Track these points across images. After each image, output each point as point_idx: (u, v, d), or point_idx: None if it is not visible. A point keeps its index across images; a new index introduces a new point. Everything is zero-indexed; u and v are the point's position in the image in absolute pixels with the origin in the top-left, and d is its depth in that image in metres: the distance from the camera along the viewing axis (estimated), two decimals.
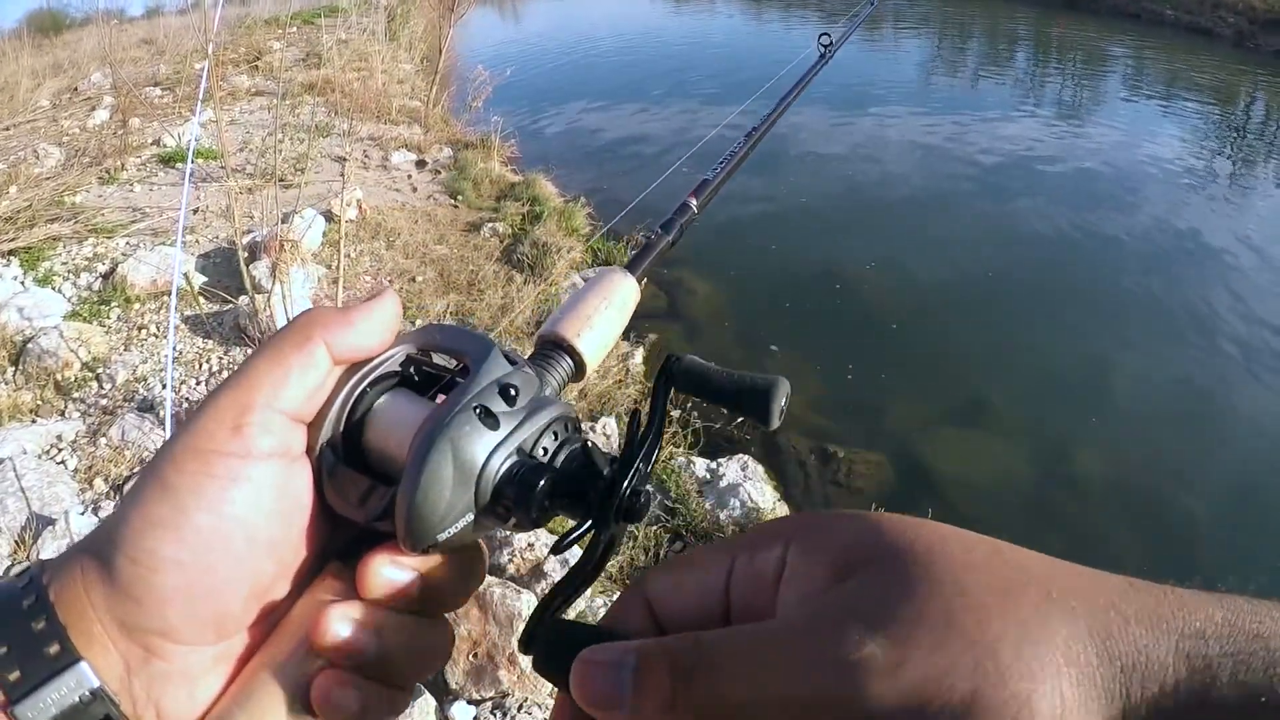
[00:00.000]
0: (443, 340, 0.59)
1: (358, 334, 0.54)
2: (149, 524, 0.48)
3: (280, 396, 0.51)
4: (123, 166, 9.07)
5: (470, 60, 16.20)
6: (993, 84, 17.43)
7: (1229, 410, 6.54)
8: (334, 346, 0.53)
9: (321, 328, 0.53)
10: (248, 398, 0.50)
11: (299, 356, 0.52)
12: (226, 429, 0.49)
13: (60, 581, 0.48)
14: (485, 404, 0.52)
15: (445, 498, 0.49)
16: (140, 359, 5.69)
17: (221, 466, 0.49)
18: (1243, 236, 9.49)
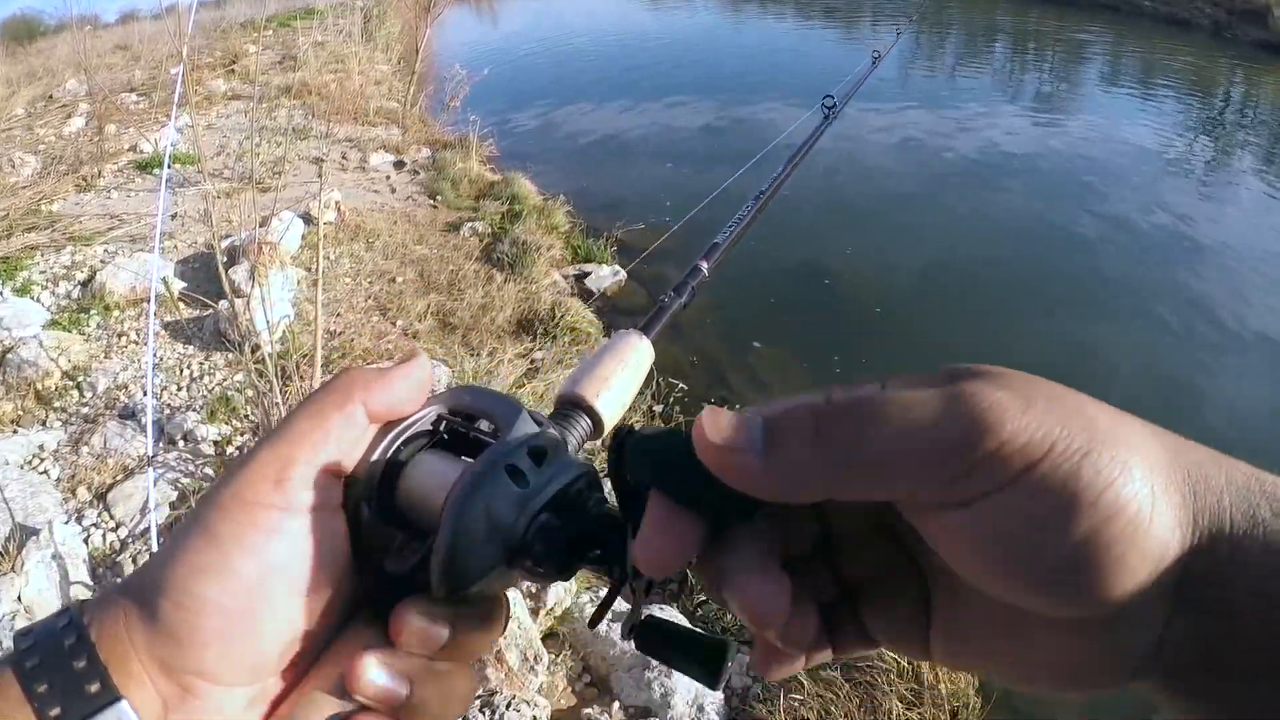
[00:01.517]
0: (472, 402, 0.61)
1: (393, 395, 0.57)
2: (194, 569, 0.50)
3: (321, 453, 0.54)
4: (100, 174, 9.05)
5: (448, 60, 16.14)
6: (972, 77, 17.45)
7: (1210, 394, 6.59)
8: (371, 406, 0.56)
9: (360, 388, 0.56)
10: (290, 453, 0.53)
11: (339, 415, 0.55)
12: (270, 482, 0.52)
13: (101, 622, 0.49)
14: (515, 464, 0.54)
15: (478, 552, 0.52)
16: (121, 366, 5.68)
17: (264, 518, 0.51)
18: (1221, 224, 9.55)
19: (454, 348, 6.27)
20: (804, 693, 3.72)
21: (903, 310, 7.58)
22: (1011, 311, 7.65)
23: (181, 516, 4.10)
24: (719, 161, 11.64)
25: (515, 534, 0.53)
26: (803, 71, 17.57)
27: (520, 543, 0.53)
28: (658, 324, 0.93)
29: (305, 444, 0.53)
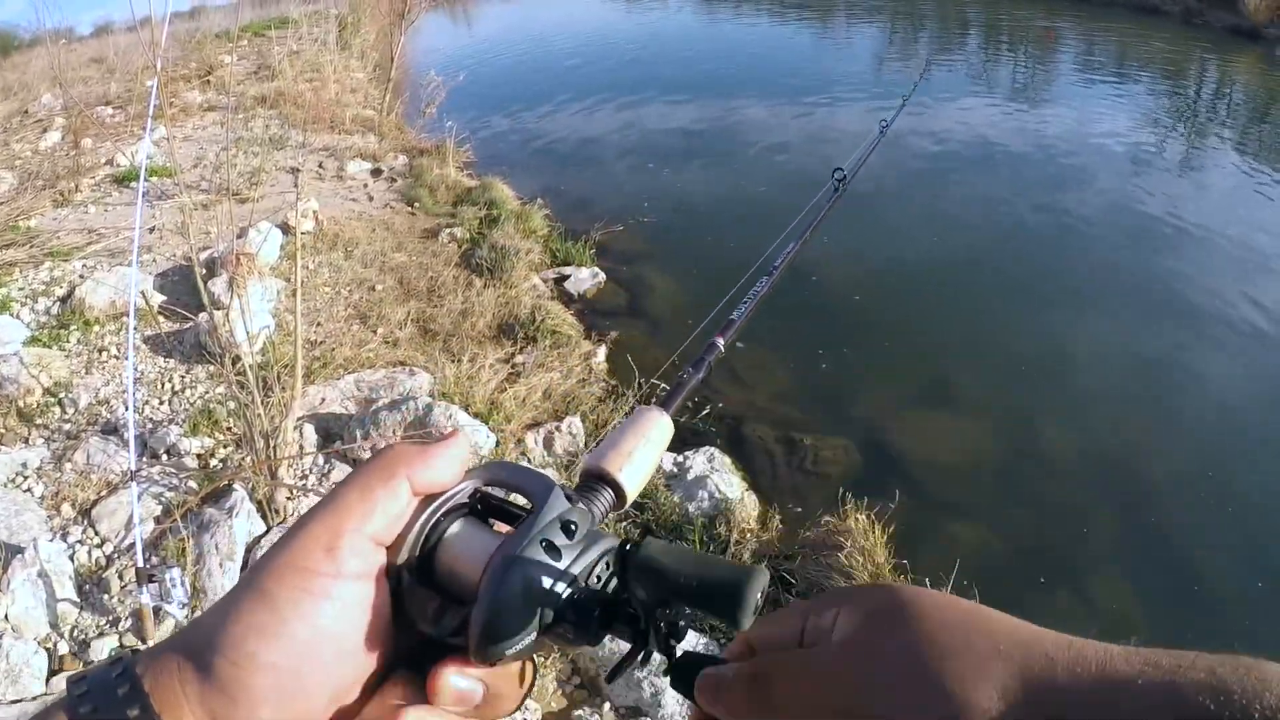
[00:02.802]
0: (508, 478, 0.66)
1: (435, 470, 0.61)
2: (250, 629, 0.53)
3: (368, 523, 0.57)
4: (77, 188, 9.04)
5: (423, 66, 16.18)
6: (945, 68, 17.48)
7: (1190, 381, 6.63)
8: (414, 480, 0.60)
9: (404, 464, 0.60)
10: (340, 523, 0.57)
11: (385, 489, 0.58)
12: (321, 550, 0.56)
13: (155, 673, 0.52)
14: (549, 538, 0.59)
15: (514, 620, 0.56)
16: (102, 381, 5.68)
17: (316, 583, 0.55)
18: (1196, 211, 9.59)
19: (435, 354, 6.28)
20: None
21: (884, 305, 7.62)
22: (991, 305, 7.69)
23: (167, 530, 4.12)
24: (697, 161, 11.69)
25: (550, 604, 0.57)
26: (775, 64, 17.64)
27: (555, 612, 0.58)
28: (676, 399, 0.96)
29: (354, 515, 0.57)
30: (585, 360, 6.48)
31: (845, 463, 5.76)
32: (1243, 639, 4.47)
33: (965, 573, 4.24)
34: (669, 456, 5.33)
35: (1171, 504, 5.42)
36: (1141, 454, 5.83)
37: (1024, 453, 5.92)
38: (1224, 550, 5.07)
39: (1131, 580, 4.86)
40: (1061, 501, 5.46)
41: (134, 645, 3.68)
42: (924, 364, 6.82)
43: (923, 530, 5.03)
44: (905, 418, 6.26)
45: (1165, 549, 5.08)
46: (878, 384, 6.56)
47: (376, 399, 5.47)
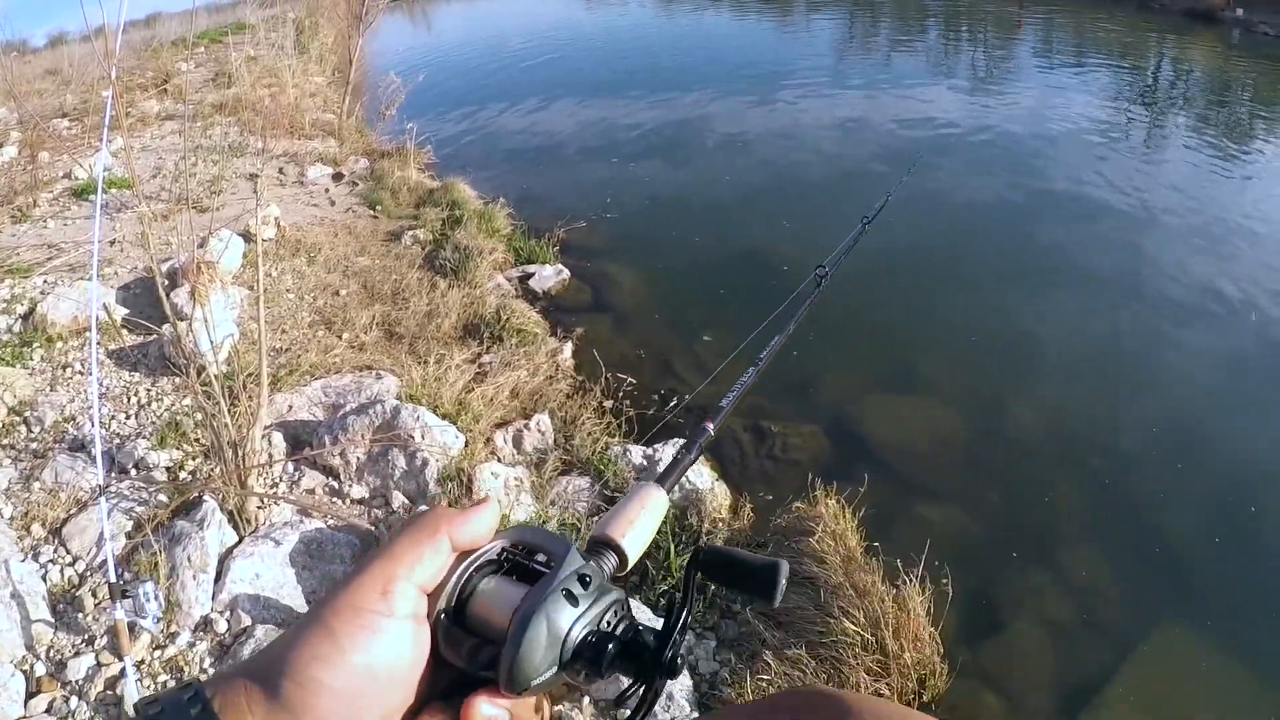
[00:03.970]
0: (532, 539, 0.77)
1: (470, 530, 0.72)
2: (313, 657, 0.61)
3: (415, 573, 0.67)
4: (35, 203, 8.97)
5: (382, 68, 16.12)
6: (906, 58, 17.63)
7: (1152, 356, 6.73)
8: (454, 538, 0.70)
9: (446, 523, 0.70)
10: (392, 571, 0.67)
11: (430, 544, 0.69)
12: (377, 592, 0.65)
13: (224, 695, 0.60)
14: (569, 588, 0.69)
15: (539, 655, 0.65)
16: (67, 398, 5.64)
17: (371, 620, 0.64)
18: (1156, 191, 9.74)
19: (401, 357, 6.28)
20: (771, 672, 3.77)
21: (847, 289, 7.64)
22: (955, 288, 7.77)
23: (139, 545, 4.12)
24: (658, 155, 11.71)
25: (569, 643, 0.68)
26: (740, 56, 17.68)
27: (573, 651, 0.68)
28: (671, 476, 1.09)
29: (404, 564, 0.67)
30: (552, 357, 6.50)
31: (814, 449, 5.81)
32: (1208, 606, 4.55)
33: (936, 553, 4.28)
34: (638, 450, 5.36)
35: (1137, 477, 5.50)
36: (1106, 429, 5.91)
37: (991, 432, 5.98)
38: (1189, 520, 5.14)
39: (1101, 552, 4.92)
40: (1029, 478, 5.52)
41: (113, 662, 3.68)
42: (889, 347, 6.88)
43: (893, 512, 5.07)
44: (872, 401, 6.32)
45: (1132, 521, 5.15)
46: (843, 369, 6.61)
47: (344, 404, 5.47)
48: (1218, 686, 4.16)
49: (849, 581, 4.18)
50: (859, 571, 4.25)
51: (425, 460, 4.87)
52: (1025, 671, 4.21)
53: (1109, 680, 4.17)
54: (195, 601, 3.95)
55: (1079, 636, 4.43)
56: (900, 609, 3.97)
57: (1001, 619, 4.51)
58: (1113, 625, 4.48)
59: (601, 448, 5.42)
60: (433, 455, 4.89)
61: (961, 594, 4.31)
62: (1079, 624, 4.49)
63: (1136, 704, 3.98)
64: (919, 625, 3.91)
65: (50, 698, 3.56)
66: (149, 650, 3.78)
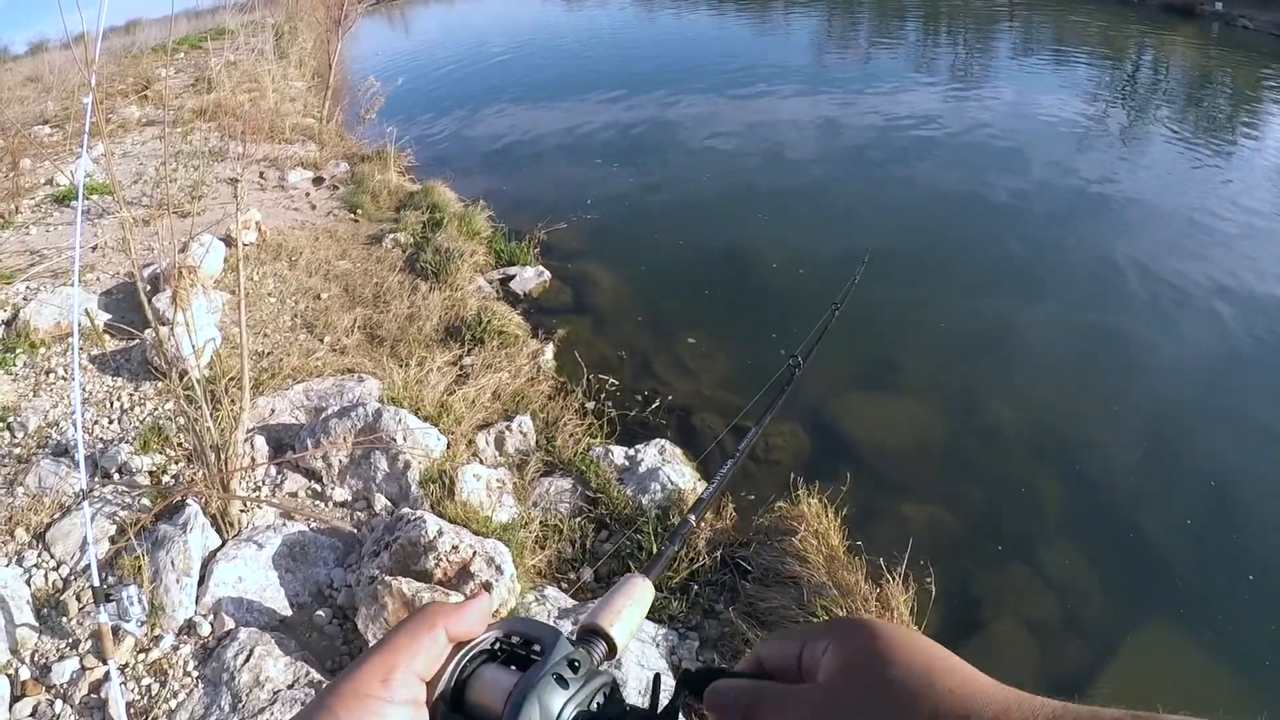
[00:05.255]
0: (523, 629, 0.78)
1: (465, 622, 0.74)
2: None
3: (414, 662, 0.70)
4: (16, 210, 8.96)
5: (362, 72, 16.09)
6: (885, 56, 17.68)
7: (1131, 354, 6.79)
8: (450, 629, 0.73)
9: (442, 617, 0.73)
10: (393, 660, 0.69)
11: (428, 636, 0.71)
12: (378, 680, 0.68)
13: None
14: (559, 672, 0.71)
15: None
16: (50, 404, 5.65)
17: (374, 706, 0.66)
18: (1135, 187, 9.83)
19: (383, 360, 6.30)
20: None
21: (825, 289, 7.68)
22: (934, 285, 7.81)
23: (123, 549, 4.12)
24: (637, 156, 11.72)
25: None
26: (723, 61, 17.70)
27: None
28: (656, 567, 1.15)
29: (403, 655, 0.70)
30: (533, 359, 6.53)
31: (795, 448, 5.84)
32: (1188, 600, 4.60)
33: (919, 551, 4.32)
34: (619, 450, 5.40)
35: (1116, 473, 5.56)
36: (1085, 426, 5.96)
37: (970, 430, 6.02)
38: (1168, 515, 5.20)
39: (1081, 549, 4.98)
40: (1010, 476, 5.57)
41: (97, 665, 3.69)
42: (868, 346, 6.91)
43: (875, 511, 5.12)
44: (852, 401, 6.36)
45: (1112, 517, 5.20)
46: (823, 368, 6.62)
47: (326, 407, 5.49)
48: (1200, 679, 4.21)
49: (832, 580, 4.21)
50: (842, 570, 4.28)
51: (407, 463, 4.89)
52: (1008, 668, 4.24)
53: (1092, 675, 4.22)
54: (179, 605, 3.97)
55: (1061, 633, 4.47)
56: (884, 608, 4.01)
57: (984, 616, 4.55)
58: (1094, 621, 4.53)
59: (583, 449, 5.46)
60: (415, 458, 4.91)
61: (944, 592, 4.35)
62: (1061, 620, 4.53)
63: (1119, 698, 4.00)
64: (903, 623, 3.93)
65: (35, 701, 3.57)
66: (133, 654, 3.79)
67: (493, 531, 4.54)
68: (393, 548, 4.13)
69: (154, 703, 3.56)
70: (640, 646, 3.95)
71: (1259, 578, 4.77)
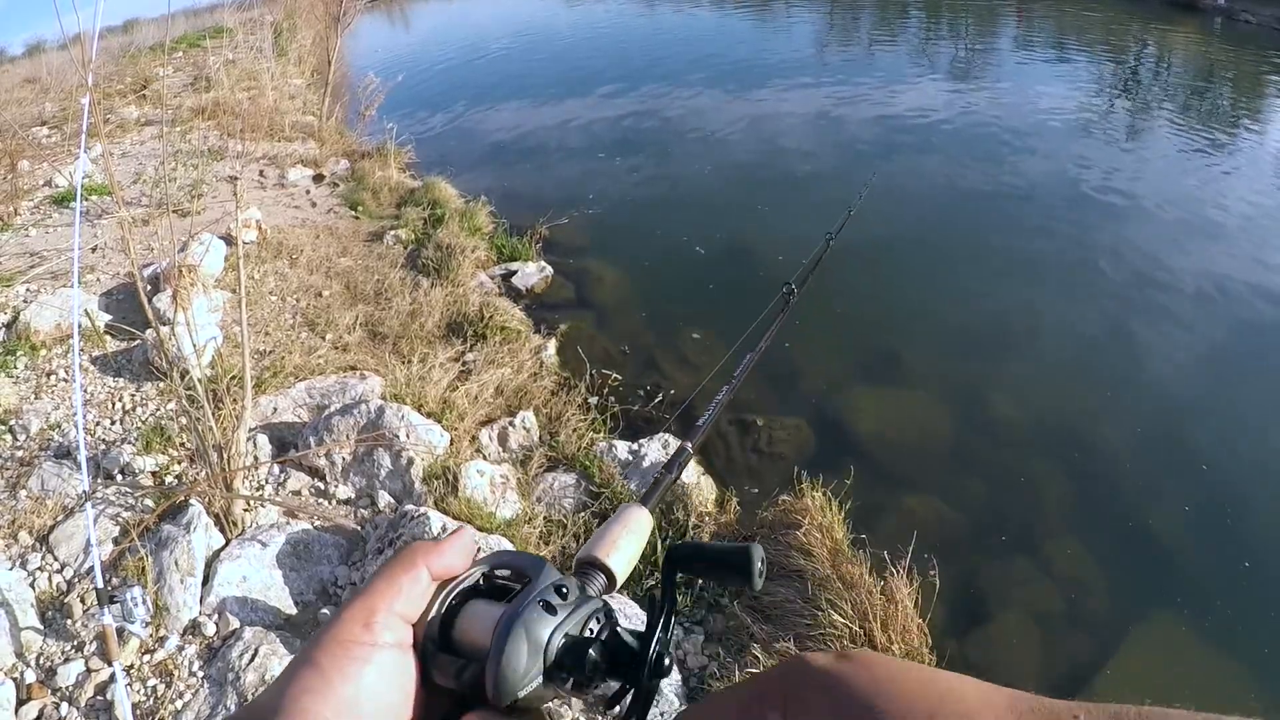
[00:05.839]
0: (509, 561, 0.77)
1: (447, 559, 0.73)
2: (303, 690, 0.63)
3: (396, 604, 0.69)
4: (16, 212, 8.94)
5: (361, 69, 16.04)
6: (888, 51, 17.63)
7: (1136, 348, 6.75)
8: (432, 568, 0.72)
9: (423, 555, 0.72)
10: (373, 604, 0.68)
11: (408, 577, 0.70)
12: (360, 626, 0.67)
13: None
14: (546, 599, 0.70)
15: (522, 665, 0.66)
16: (52, 406, 5.64)
17: (356, 651, 0.65)
18: (1139, 181, 9.78)
19: (385, 357, 6.29)
20: (760, 666, 3.79)
21: (830, 281, 7.66)
22: (938, 279, 7.80)
23: (126, 550, 4.11)
24: (639, 151, 11.70)
25: (550, 650, 0.68)
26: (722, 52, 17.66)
27: (555, 658, 0.68)
28: (654, 495, 1.12)
29: (384, 597, 0.69)
30: (536, 354, 6.51)
31: (799, 442, 5.82)
32: (1193, 592, 4.59)
33: (923, 544, 4.31)
34: (623, 445, 5.38)
35: (1121, 468, 5.53)
36: (1089, 421, 5.94)
37: (975, 423, 6.00)
38: (1173, 508, 5.18)
39: (1086, 541, 4.96)
40: (1014, 469, 5.55)
41: (102, 667, 3.68)
42: (872, 340, 6.90)
43: (880, 504, 5.10)
44: (856, 394, 6.34)
45: (1117, 510, 5.18)
46: (827, 362, 6.62)
47: (328, 405, 5.47)
48: (1205, 672, 4.20)
49: (836, 574, 4.20)
50: (846, 564, 4.27)
51: (410, 459, 4.88)
52: (1013, 661, 4.23)
53: (1096, 668, 4.21)
54: (183, 605, 3.96)
55: (1065, 626, 4.46)
56: (888, 601, 3.99)
57: (988, 610, 4.53)
58: (1099, 614, 4.51)
59: (587, 444, 5.44)
60: (418, 454, 4.90)
61: (948, 585, 4.32)
62: (1065, 613, 4.52)
63: (1124, 690, 4.00)
64: (907, 617, 3.93)
65: (41, 704, 3.56)
66: (138, 655, 3.79)
67: (497, 528, 4.53)
68: (397, 545, 4.12)
69: (159, 704, 3.55)
70: None
71: (1253, 565, 4.77)
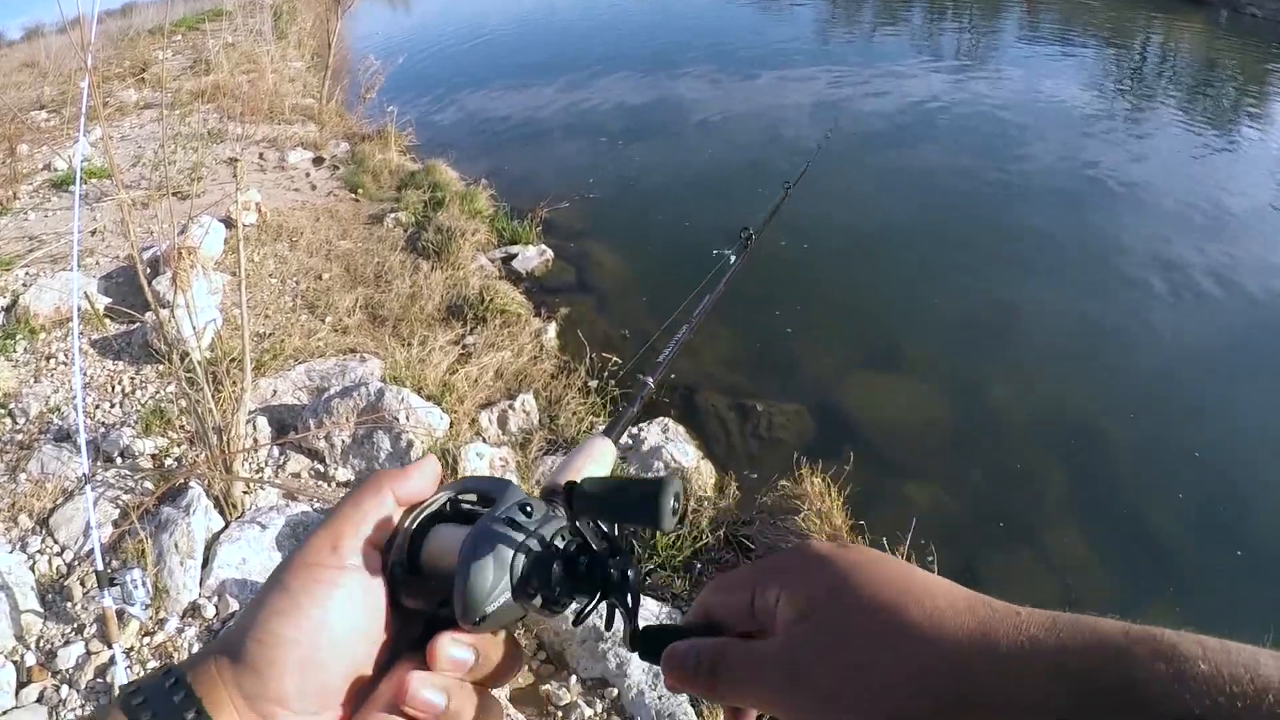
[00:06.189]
0: (473, 485, 0.79)
1: (413, 485, 0.74)
2: (272, 614, 0.65)
3: (362, 529, 0.70)
4: (15, 196, 8.93)
5: (361, 51, 15.97)
6: (890, 38, 17.53)
7: (1135, 337, 6.75)
8: (397, 493, 0.73)
9: (389, 481, 0.73)
10: (340, 529, 0.70)
11: (374, 501, 0.72)
12: (327, 549, 0.68)
13: (195, 670, 0.63)
14: (511, 515, 0.71)
15: (489, 580, 0.67)
16: (51, 389, 5.64)
17: (324, 574, 0.67)
18: (1140, 173, 9.75)
19: (385, 339, 6.28)
20: None
21: (831, 269, 7.69)
22: (938, 267, 7.77)
23: (126, 532, 4.12)
24: (640, 135, 11.67)
25: (516, 566, 0.68)
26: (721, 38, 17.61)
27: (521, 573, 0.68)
28: (617, 428, 1.16)
29: (350, 522, 0.70)
30: (536, 337, 6.51)
31: (799, 427, 5.83)
32: (1192, 583, 4.60)
33: (922, 531, 4.31)
34: None
35: (1119, 456, 5.55)
36: (1088, 409, 5.94)
37: (975, 411, 6.01)
38: (1172, 497, 5.20)
39: (1084, 530, 4.98)
40: (1013, 457, 5.56)
41: (102, 650, 3.69)
42: (873, 326, 6.90)
43: (879, 491, 5.10)
44: (856, 381, 6.34)
45: (1115, 499, 5.20)
46: (828, 348, 6.62)
47: (328, 387, 5.47)
48: None
49: None
50: None
51: (410, 442, 4.88)
52: None
53: None
54: (183, 587, 3.96)
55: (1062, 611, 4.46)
56: None
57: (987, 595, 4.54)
58: (1097, 604, 4.51)
59: (586, 427, 5.44)
60: (417, 436, 4.90)
61: (947, 571, 4.26)
62: (1062, 600, 4.52)
63: None
64: None
65: (41, 687, 3.57)
66: (138, 637, 3.79)
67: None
68: None
69: None
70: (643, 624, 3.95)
71: (1246, 554, 4.80)
